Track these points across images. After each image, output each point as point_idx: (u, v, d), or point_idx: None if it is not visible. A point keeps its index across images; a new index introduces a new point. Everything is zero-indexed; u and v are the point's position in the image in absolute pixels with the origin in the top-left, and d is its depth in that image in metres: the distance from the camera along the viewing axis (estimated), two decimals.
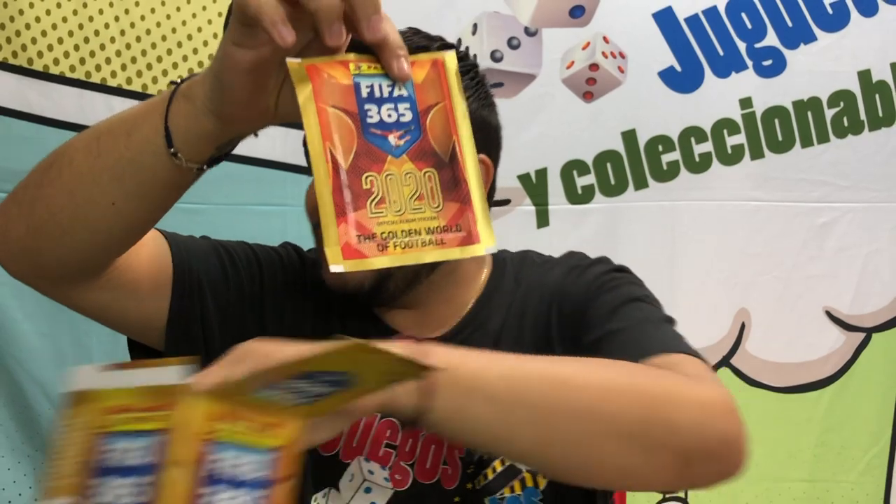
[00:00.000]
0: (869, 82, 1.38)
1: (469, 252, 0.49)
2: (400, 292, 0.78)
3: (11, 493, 1.27)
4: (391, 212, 0.48)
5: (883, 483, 1.44)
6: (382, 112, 0.49)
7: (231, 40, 0.50)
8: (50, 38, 1.25)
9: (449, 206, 0.49)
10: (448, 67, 0.51)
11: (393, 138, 0.49)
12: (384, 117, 0.49)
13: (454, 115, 0.51)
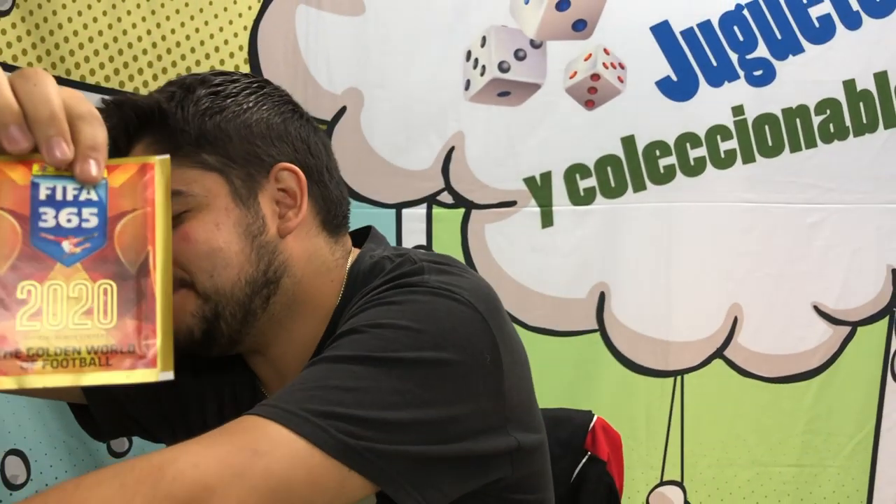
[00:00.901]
0: (854, 91, 1.39)
1: (138, 377, 0.44)
2: (238, 334, 0.70)
3: (49, 477, 1.30)
4: (48, 326, 0.43)
5: (867, 468, 1.43)
6: (61, 216, 0.44)
7: None
8: (88, 50, 1.28)
9: (125, 322, 0.44)
10: (158, 172, 0.46)
11: (68, 245, 0.44)
12: (62, 222, 0.44)
13: (155, 225, 0.45)
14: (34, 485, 1.30)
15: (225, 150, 0.70)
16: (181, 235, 0.67)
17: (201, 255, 0.68)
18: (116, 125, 0.69)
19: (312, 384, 0.58)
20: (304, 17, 1.32)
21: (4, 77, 0.43)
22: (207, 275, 0.68)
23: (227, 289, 0.68)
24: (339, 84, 1.33)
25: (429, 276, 0.66)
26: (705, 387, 1.40)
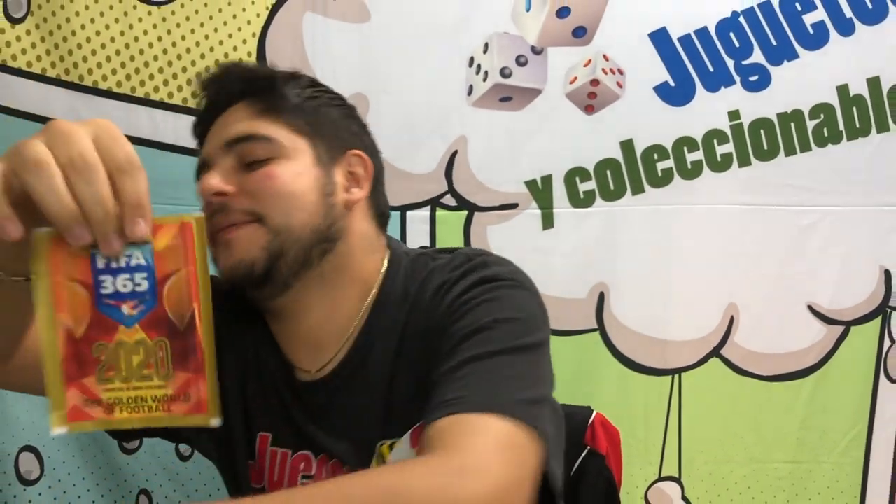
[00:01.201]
0: (847, 96, 1.40)
1: (194, 421, 0.50)
2: (293, 278, 0.76)
3: (62, 473, 1.31)
4: (119, 379, 0.49)
5: (861, 464, 1.44)
6: (118, 283, 0.49)
7: None
8: (99, 57, 1.28)
9: (179, 375, 0.50)
10: (196, 231, 0.50)
11: (126, 308, 0.49)
12: (119, 288, 0.49)
13: (196, 282, 0.50)
14: (47, 480, 1.31)
15: (316, 124, 0.81)
16: (265, 174, 0.76)
17: (281, 194, 0.76)
18: (220, 89, 0.83)
19: (496, 378, 0.65)
20: (310, 25, 1.33)
21: (59, 175, 0.46)
22: (282, 212, 0.76)
23: (297, 229, 0.76)
24: (345, 89, 1.26)
25: (497, 269, 0.76)
26: (702, 385, 1.41)
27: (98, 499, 1.35)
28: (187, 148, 1.33)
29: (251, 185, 0.77)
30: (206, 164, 0.81)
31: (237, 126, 0.80)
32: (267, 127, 0.79)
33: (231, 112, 0.82)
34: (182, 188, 1.32)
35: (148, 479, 1.35)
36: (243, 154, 0.78)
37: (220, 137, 0.80)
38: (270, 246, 0.75)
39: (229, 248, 0.76)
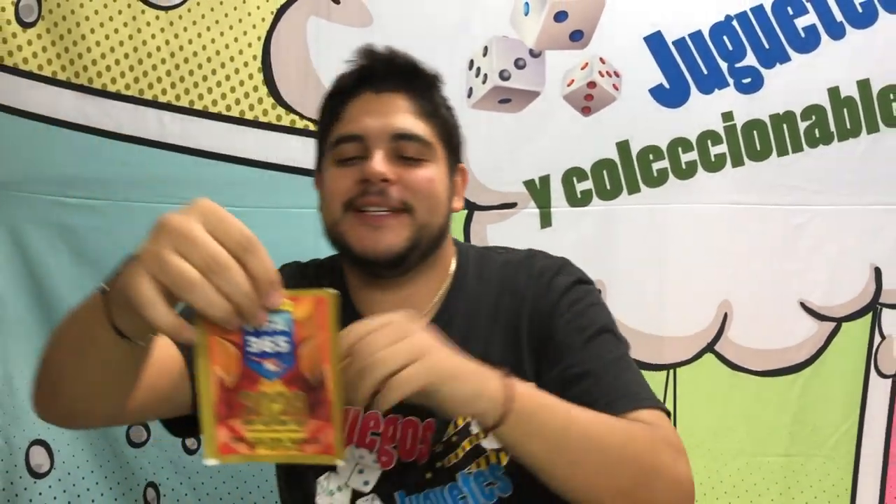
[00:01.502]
0: (838, 98, 1.41)
1: (322, 460, 0.59)
2: (415, 263, 0.86)
3: (71, 466, 1.34)
4: (260, 423, 0.59)
5: (852, 457, 1.45)
6: (263, 344, 0.58)
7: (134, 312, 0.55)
8: (108, 60, 1.31)
9: (311, 422, 0.59)
10: (331, 305, 0.58)
11: (269, 365, 0.58)
12: (264, 348, 0.58)
13: (328, 347, 0.58)
14: (57, 473, 1.34)
15: (450, 134, 0.92)
16: (426, 176, 0.87)
17: (432, 195, 0.87)
18: (386, 69, 0.89)
19: (626, 381, 0.83)
20: (314, 28, 1.34)
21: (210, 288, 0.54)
22: (428, 210, 0.87)
23: (433, 227, 0.88)
24: None
25: (575, 270, 0.92)
26: (697, 380, 1.43)
27: (106, 491, 1.37)
28: (194, 149, 1.36)
29: (411, 181, 0.86)
30: (360, 139, 0.87)
31: (403, 120, 0.87)
32: (426, 130, 0.88)
33: (391, 98, 0.88)
34: (190, 188, 1.36)
35: (155, 473, 1.37)
36: (404, 148, 0.86)
37: (384, 124, 0.86)
38: (413, 237, 0.85)
39: (380, 231, 0.85)
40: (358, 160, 0.86)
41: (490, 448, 0.86)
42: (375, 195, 0.84)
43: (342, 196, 0.85)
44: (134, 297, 0.54)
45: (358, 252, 0.85)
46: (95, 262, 1.34)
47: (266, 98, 1.36)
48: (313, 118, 1.37)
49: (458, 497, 0.86)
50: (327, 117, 0.91)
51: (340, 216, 0.86)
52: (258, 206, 1.36)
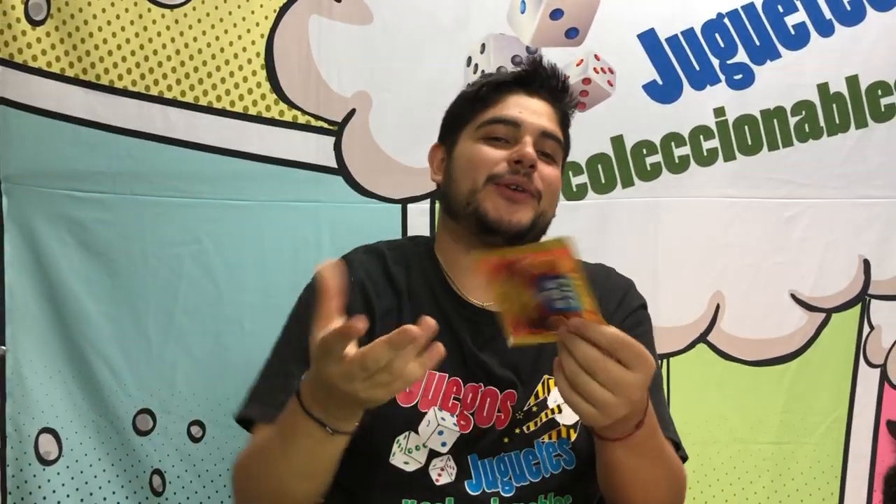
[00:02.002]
0: (827, 94, 1.42)
1: (507, 329, 0.71)
2: (528, 240, 0.94)
3: (79, 454, 1.36)
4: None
5: (841, 445, 1.47)
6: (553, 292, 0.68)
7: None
8: (115, 57, 1.33)
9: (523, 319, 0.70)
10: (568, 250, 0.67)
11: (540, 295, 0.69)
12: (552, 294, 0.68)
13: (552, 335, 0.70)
14: (65, 461, 1.36)
15: (567, 140, 1.04)
16: (556, 174, 0.99)
17: (556, 191, 1.00)
18: (546, 78, 1.01)
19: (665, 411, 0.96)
20: (316, 26, 1.36)
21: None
22: (550, 203, 0.98)
23: (547, 218, 0.99)
24: (348, 88, 1.37)
25: (640, 294, 1.07)
26: (690, 369, 1.44)
27: (113, 478, 1.38)
28: (199, 144, 1.37)
29: (548, 176, 0.97)
30: (516, 125, 0.97)
31: (550, 123, 0.99)
32: (562, 136, 1.01)
33: (540, 102, 1.00)
34: (194, 182, 1.38)
35: (161, 460, 1.39)
36: (546, 146, 0.97)
37: (537, 120, 0.97)
38: (535, 219, 0.95)
39: (517, 207, 0.94)
40: (504, 142, 0.96)
41: (563, 423, 0.93)
42: (519, 175, 0.94)
43: (488, 168, 0.95)
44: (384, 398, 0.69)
45: (493, 218, 0.93)
46: (103, 255, 1.36)
47: (269, 94, 1.37)
48: (315, 114, 1.39)
49: (531, 462, 0.92)
50: (475, 101, 1.00)
51: (482, 186, 0.95)
52: (261, 200, 1.37)
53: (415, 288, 0.97)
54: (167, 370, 1.38)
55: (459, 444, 0.91)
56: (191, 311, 1.38)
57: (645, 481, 0.83)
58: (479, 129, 0.97)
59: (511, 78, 1.00)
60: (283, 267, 1.37)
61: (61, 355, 1.36)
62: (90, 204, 1.35)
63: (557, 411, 0.93)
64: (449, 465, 0.91)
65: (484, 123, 0.97)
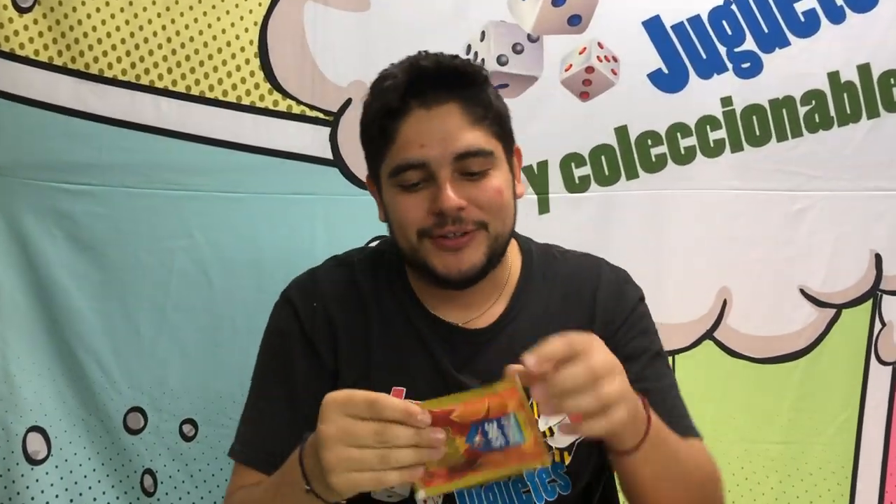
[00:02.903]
0: (838, 82, 1.40)
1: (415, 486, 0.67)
2: (489, 273, 0.90)
3: (68, 453, 1.34)
4: None
5: (852, 445, 1.45)
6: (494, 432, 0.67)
7: None
8: (105, 45, 1.30)
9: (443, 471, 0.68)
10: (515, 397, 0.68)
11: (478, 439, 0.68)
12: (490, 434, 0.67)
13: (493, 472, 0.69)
14: (54, 460, 1.34)
15: (504, 126, 0.91)
16: (496, 189, 0.87)
17: (503, 206, 0.88)
18: (433, 83, 0.86)
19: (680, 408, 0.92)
20: (311, 13, 1.34)
21: None
22: (501, 222, 0.88)
23: (505, 235, 0.90)
24: (344, 77, 1.35)
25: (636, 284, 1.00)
26: (695, 367, 1.42)
27: (104, 478, 1.37)
28: (191, 135, 1.35)
29: (482, 199, 0.87)
30: (424, 166, 0.86)
31: (462, 138, 0.85)
32: (485, 138, 0.87)
33: (445, 112, 0.85)
34: (186, 173, 1.36)
35: (153, 460, 1.37)
36: (467, 166, 0.86)
37: (445, 147, 0.85)
38: (490, 250, 0.88)
39: (461, 253, 0.87)
40: (423, 184, 0.87)
41: (555, 447, 0.88)
42: (452, 224, 0.86)
43: (416, 224, 0.87)
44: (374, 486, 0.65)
45: (442, 275, 0.87)
46: (93, 249, 1.34)
47: (263, 83, 1.35)
48: (309, 104, 1.36)
49: (521, 490, 0.87)
50: (378, 136, 0.90)
51: (417, 243, 0.88)
52: (255, 192, 1.35)
53: (385, 303, 0.93)
54: (159, 367, 1.37)
55: None
56: (183, 307, 1.36)
57: (671, 486, 0.79)
58: (392, 178, 0.88)
59: (398, 101, 0.86)
60: (278, 261, 1.35)
61: (50, 352, 1.35)
62: (79, 196, 1.33)
63: (549, 434, 0.87)
64: (433, 497, 0.87)
65: (394, 171, 0.87)
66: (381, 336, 0.91)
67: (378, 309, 0.93)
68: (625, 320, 0.92)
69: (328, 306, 0.92)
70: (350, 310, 0.93)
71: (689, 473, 0.81)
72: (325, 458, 0.64)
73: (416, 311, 0.93)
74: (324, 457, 0.64)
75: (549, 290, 0.94)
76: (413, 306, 0.93)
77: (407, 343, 0.92)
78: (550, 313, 0.92)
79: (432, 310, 0.93)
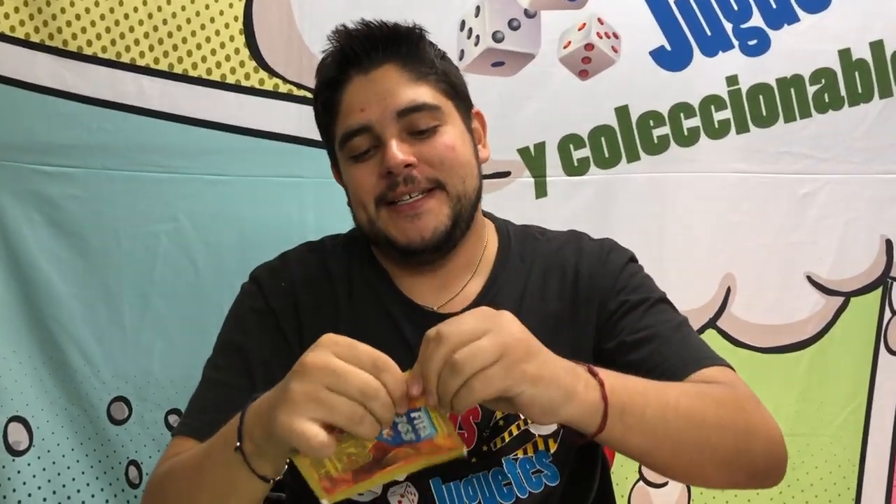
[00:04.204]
0: (849, 60, 1.37)
1: (318, 493, 0.63)
2: (459, 240, 0.86)
3: (51, 443, 1.32)
4: None
5: (859, 437, 1.42)
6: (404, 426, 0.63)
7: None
8: (84, 21, 1.28)
9: (349, 474, 0.63)
10: (452, 454, 0.65)
11: (386, 434, 0.62)
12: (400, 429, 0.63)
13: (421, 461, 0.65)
14: (36, 450, 1.32)
15: (453, 85, 0.88)
16: (447, 145, 0.84)
17: (460, 163, 0.85)
18: (366, 46, 0.85)
19: (694, 343, 0.85)
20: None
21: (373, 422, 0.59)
22: (461, 180, 0.85)
23: (469, 195, 0.86)
24: None
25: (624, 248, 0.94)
26: None
27: (87, 470, 1.35)
28: (174, 115, 1.33)
29: (432, 156, 0.84)
30: (367, 129, 0.85)
31: (402, 94, 0.84)
32: (429, 93, 0.85)
33: (382, 74, 0.85)
34: (170, 156, 1.33)
35: (137, 451, 1.35)
36: (413, 123, 0.84)
37: (385, 106, 0.84)
38: (453, 213, 0.84)
39: (421, 217, 0.84)
40: (372, 151, 0.85)
41: (538, 434, 0.84)
42: (404, 184, 0.83)
43: (370, 193, 0.85)
44: (303, 444, 0.58)
45: (403, 245, 0.84)
46: (74, 234, 1.32)
47: (248, 61, 1.32)
48: (297, 82, 1.34)
49: (501, 483, 0.84)
50: (324, 113, 0.90)
51: (375, 213, 0.85)
52: (240, 175, 1.33)
53: (356, 287, 0.90)
54: (143, 356, 1.35)
55: None
56: (167, 294, 1.35)
57: (675, 452, 0.70)
58: (343, 150, 0.87)
59: (336, 70, 0.86)
60: (265, 246, 1.27)
61: (31, 340, 1.33)
62: (60, 179, 1.31)
63: (532, 421, 0.84)
64: (409, 492, 0.84)
65: (341, 142, 0.86)
66: (350, 320, 0.88)
67: (348, 293, 0.90)
68: (613, 285, 0.87)
69: (296, 287, 0.89)
70: (318, 292, 0.90)
71: (688, 410, 0.70)
72: (293, 387, 0.58)
73: (388, 294, 0.90)
74: (292, 387, 0.58)
75: (529, 269, 0.90)
76: (385, 290, 0.90)
77: (378, 328, 0.88)
78: (529, 293, 0.89)
79: (406, 292, 0.90)
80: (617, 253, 0.92)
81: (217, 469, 0.67)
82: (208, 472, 0.69)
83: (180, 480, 0.73)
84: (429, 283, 0.90)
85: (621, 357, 0.82)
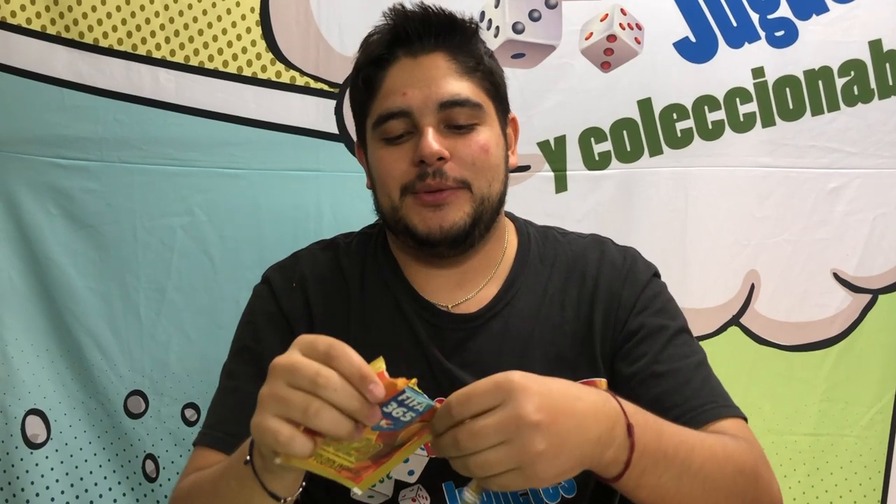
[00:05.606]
0: (880, 52, 1.34)
1: (346, 483, 0.62)
2: (480, 239, 0.86)
3: (68, 437, 1.32)
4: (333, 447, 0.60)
5: (886, 438, 1.40)
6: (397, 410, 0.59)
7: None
8: (99, 13, 1.27)
9: (367, 462, 0.62)
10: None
11: (384, 422, 0.60)
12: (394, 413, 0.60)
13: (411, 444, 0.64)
14: (54, 444, 1.32)
15: (496, 85, 0.88)
16: (482, 146, 0.84)
17: (490, 166, 0.85)
18: (420, 30, 0.85)
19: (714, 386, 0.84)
20: None
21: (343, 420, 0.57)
22: (487, 183, 0.85)
23: (493, 199, 0.86)
24: (350, 47, 1.30)
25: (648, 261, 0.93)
26: (721, 354, 1.37)
27: (105, 463, 1.35)
28: (190, 107, 1.32)
29: (465, 154, 0.83)
30: (406, 114, 0.84)
31: (448, 86, 0.83)
32: (473, 90, 0.84)
33: (430, 61, 0.84)
34: (185, 149, 1.32)
35: (154, 444, 1.35)
36: (453, 117, 0.83)
37: (429, 94, 0.83)
38: (474, 212, 0.84)
39: (443, 209, 0.83)
40: (407, 136, 0.85)
41: None
42: (432, 177, 0.82)
43: (398, 180, 0.84)
44: (273, 442, 0.56)
45: (423, 234, 0.84)
46: (90, 227, 1.32)
47: (265, 53, 1.31)
48: (314, 75, 1.33)
49: (518, 493, 0.83)
50: (363, 89, 0.88)
51: (399, 201, 0.85)
52: (257, 168, 1.32)
53: (369, 286, 0.89)
54: (159, 350, 1.35)
55: (430, 470, 0.83)
56: (184, 287, 1.34)
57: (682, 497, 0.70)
58: (376, 130, 0.86)
59: (385, 49, 0.86)
60: (282, 240, 1.32)
61: (48, 333, 1.33)
62: (76, 172, 1.31)
63: None
64: (421, 496, 0.83)
65: (377, 122, 0.85)
66: (362, 318, 0.87)
67: (361, 291, 0.89)
68: (634, 304, 0.86)
69: (307, 287, 0.89)
70: (330, 291, 0.89)
71: (706, 477, 0.71)
72: (262, 390, 0.58)
73: (402, 293, 0.89)
74: (261, 390, 0.59)
75: (549, 273, 0.89)
76: (399, 288, 0.89)
77: (390, 326, 0.88)
78: (549, 298, 0.88)
79: (420, 289, 0.89)
80: (641, 266, 0.90)
81: (232, 484, 0.67)
82: (224, 488, 0.68)
83: (201, 497, 0.73)
84: (445, 280, 0.88)
85: (638, 387, 0.81)
